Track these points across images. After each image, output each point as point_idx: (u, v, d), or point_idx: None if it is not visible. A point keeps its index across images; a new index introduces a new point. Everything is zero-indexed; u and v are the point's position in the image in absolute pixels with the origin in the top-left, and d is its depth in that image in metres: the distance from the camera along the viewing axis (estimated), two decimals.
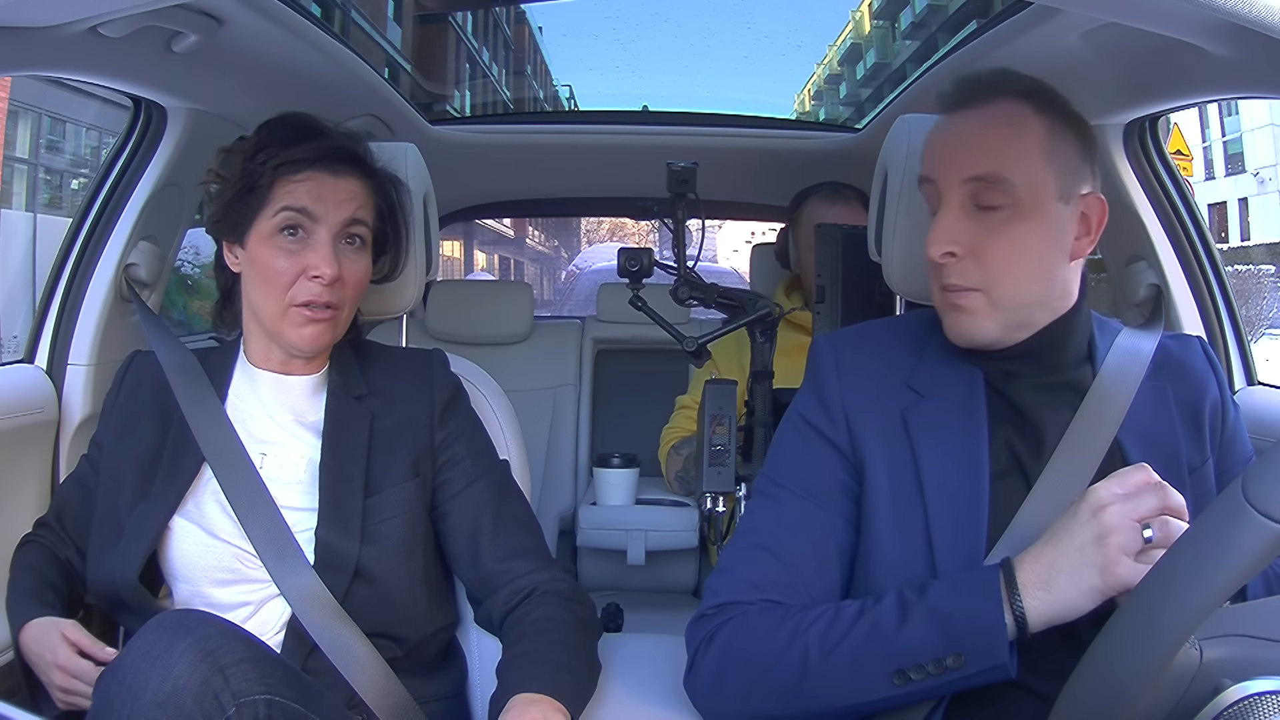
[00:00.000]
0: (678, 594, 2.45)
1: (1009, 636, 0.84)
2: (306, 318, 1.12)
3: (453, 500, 1.17)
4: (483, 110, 3.91)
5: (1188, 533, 0.73)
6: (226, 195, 1.14)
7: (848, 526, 1.00)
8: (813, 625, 0.91)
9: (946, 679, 0.85)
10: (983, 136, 0.98)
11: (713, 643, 0.96)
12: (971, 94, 1.00)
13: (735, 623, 0.96)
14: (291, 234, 1.12)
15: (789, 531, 1.00)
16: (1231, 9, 0.74)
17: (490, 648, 1.20)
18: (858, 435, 1.01)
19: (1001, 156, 0.96)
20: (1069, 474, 0.96)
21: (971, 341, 1.00)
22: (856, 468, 1.01)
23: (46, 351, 1.48)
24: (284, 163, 1.11)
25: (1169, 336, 1.09)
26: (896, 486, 0.98)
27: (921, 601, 0.87)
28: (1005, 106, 0.98)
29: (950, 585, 0.88)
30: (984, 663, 0.84)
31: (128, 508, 1.12)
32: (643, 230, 13.89)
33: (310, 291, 1.11)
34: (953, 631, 0.85)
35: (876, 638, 0.88)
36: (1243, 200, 14.75)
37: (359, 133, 1.21)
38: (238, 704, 0.86)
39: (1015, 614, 0.83)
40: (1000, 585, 0.84)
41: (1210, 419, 1.03)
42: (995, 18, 1.52)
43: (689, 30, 3.45)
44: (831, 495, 1.01)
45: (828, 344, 1.07)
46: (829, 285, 1.55)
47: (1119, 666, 0.73)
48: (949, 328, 1.01)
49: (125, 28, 1.16)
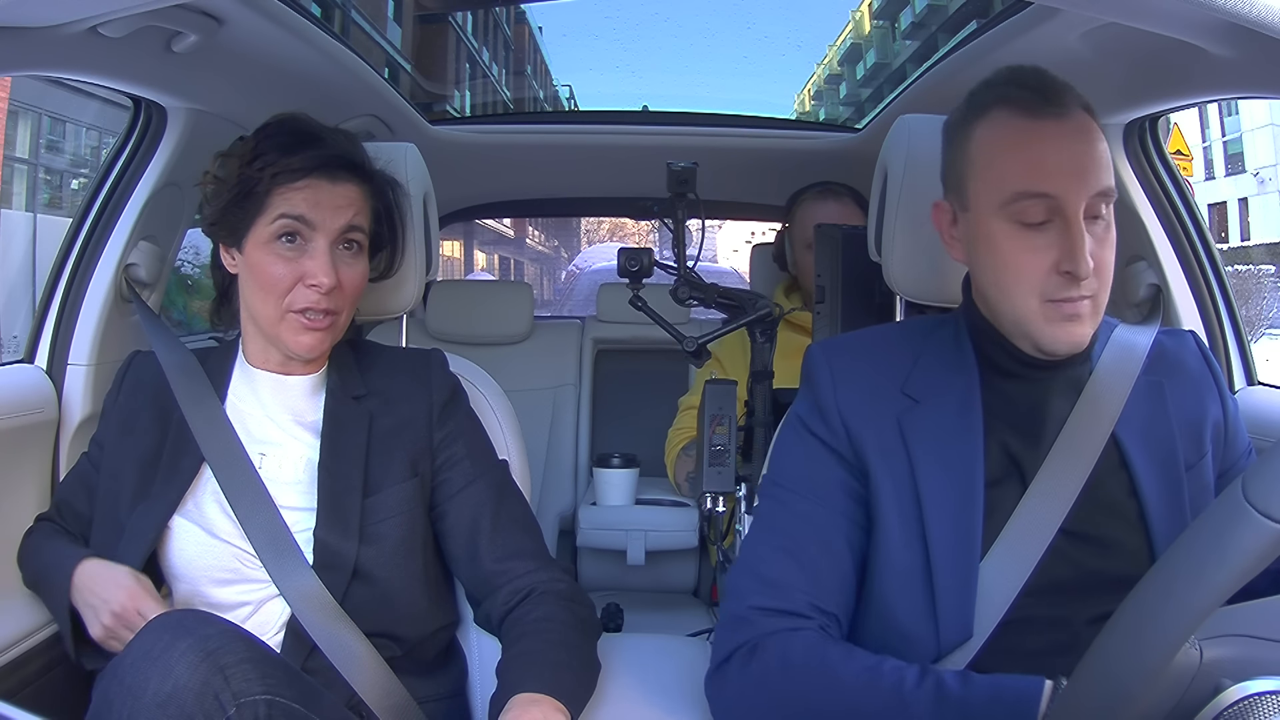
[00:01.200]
0: (678, 594, 2.45)
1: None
2: (304, 325, 1.12)
3: (451, 500, 1.17)
4: (483, 110, 3.92)
5: (1187, 532, 0.73)
6: (223, 199, 1.14)
7: (856, 528, 1.00)
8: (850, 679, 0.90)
9: None
10: (1091, 149, 0.96)
11: (754, 656, 0.94)
12: (1066, 99, 0.97)
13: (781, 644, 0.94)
14: (289, 241, 1.11)
15: (804, 533, 0.99)
16: (1231, 9, 0.74)
17: (490, 648, 1.20)
18: (857, 440, 1.00)
19: (1109, 169, 0.96)
20: (1066, 471, 0.96)
21: (1077, 348, 0.98)
22: (860, 471, 1.00)
23: (46, 351, 1.48)
24: (282, 170, 1.11)
25: (1164, 332, 1.09)
26: (898, 493, 0.98)
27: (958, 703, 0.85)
28: (1084, 116, 0.97)
29: (989, 696, 0.85)
30: None
31: (128, 507, 1.12)
32: (643, 230, 13.87)
33: (308, 299, 1.11)
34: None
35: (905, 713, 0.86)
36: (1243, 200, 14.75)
37: (356, 135, 1.21)
38: (238, 704, 0.86)
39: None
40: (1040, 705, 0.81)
41: (1208, 422, 1.03)
42: (995, 18, 1.52)
43: (689, 30, 3.45)
44: (838, 498, 1.00)
45: (822, 351, 1.07)
46: (829, 285, 1.55)
47: (1119, 666, 0.73)
48: (1054, 337, 0.97)
49: (125, 28, 1.16)
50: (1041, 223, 0.95)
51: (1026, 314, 0.96)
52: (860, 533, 1.00)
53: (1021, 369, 1.01)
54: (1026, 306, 0.96)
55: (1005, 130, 0.97)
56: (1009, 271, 0.96)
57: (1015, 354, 1.01)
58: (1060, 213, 0.94)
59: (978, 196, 0.99)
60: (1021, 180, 0.95)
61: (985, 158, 0.98)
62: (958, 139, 1.01)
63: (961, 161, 1.00)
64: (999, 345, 1.01)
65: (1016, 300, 0.97)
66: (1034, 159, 0.95)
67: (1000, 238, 0.96)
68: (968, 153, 1.00)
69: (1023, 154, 0.96)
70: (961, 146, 1.00)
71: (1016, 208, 0.95)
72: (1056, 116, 0.96)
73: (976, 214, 0.99)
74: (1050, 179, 0.95)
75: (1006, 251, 0.96)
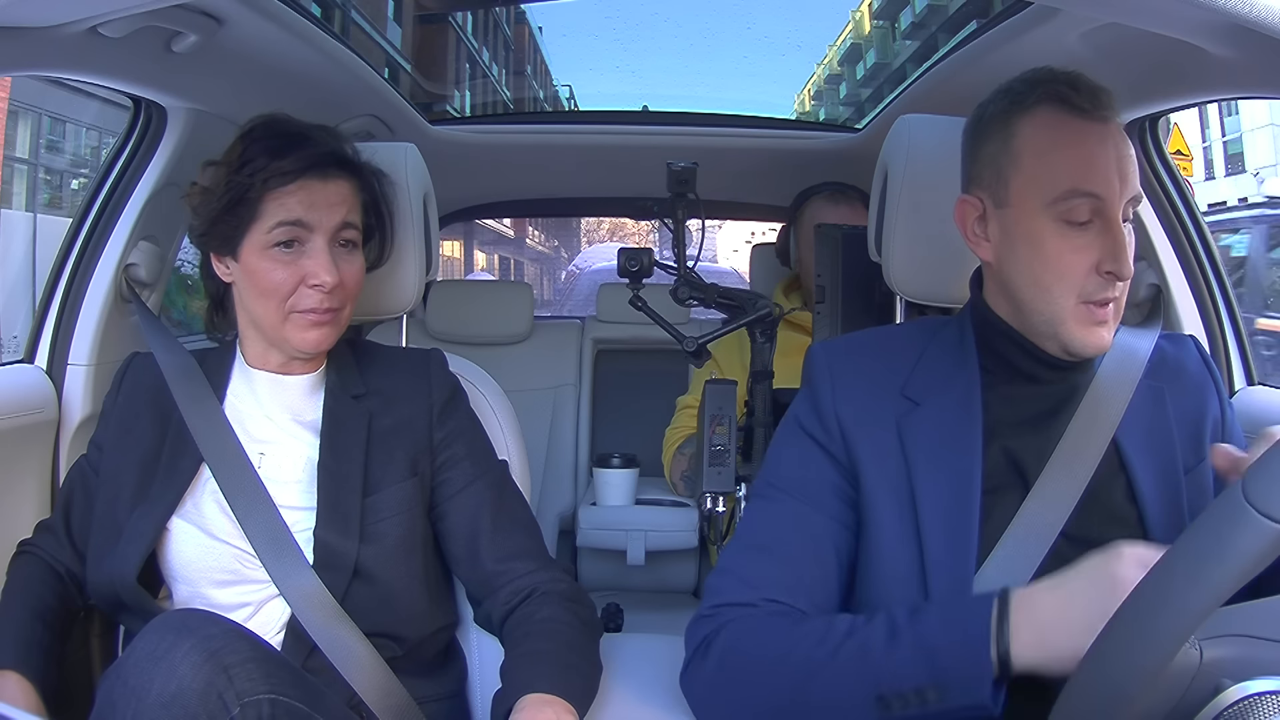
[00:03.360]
0: (678, 594, 2.45)
1: (992, 675, 0.81)
2: (311, 322, 1.12)
3: (451, 500, 1.17)
4: (483, 110, 3.92)
5: (1188, 532, 0.73)
6: (213, 208, 1.12)
7: (844, 531, 1.00)
8: (803, 639, 0.90)
9: (928, 710, 0.83)
10: (1130, 155, 0.98)
11: (710, 646, 0.96)
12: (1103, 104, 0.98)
13: (734, 628, 0.95)
14: (287, 245, 1.11)
15: (787, 533, 1.00)
16: (1231, 9, 0.74)
17: (490, 648, 1.20)
18: (852, 444, 1.00)
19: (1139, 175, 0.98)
20: (1067, 475, 0.96)
21: (1101, 351, 0.99)
22: (852, 475, 1.01)
23: (46, 351, 1.48)
24: (273, 175, 1.10)
25: (1164, 337, 1.08)
26: (893, 497, 0.98)
27: (910, 628, 0.86)
28: (1119, 124, 0.99)
29: (940, 616, 0.86)
30: (964, 699, 0.82)
31: (127, 509, 1.12)
32: (643, 230, 13.88)
33: (312, 300, 1.11)
34: (936, 663, 0.83)
35: (864, 660, 0.86)
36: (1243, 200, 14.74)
37: (339, 130, 1.20)
38: (242, 704, 0.86)
39: (1000, 653, 0.81)
40: (991, 621, 0.82)
41: (1208, 423, 1.03)
42: (995, 18, 1.52)
43: (689, 30, 3.45)
44: (828, 500, 1.01)
45: (823, 352, 1.07)
46: (829, 285, 1.55)
47: (1119, 667, 0.73)
48: (1083, 339, 0.97)
49: (125, 28, 1.16)
50: (1084, 222, 0.96)
51: (1062, 314, 0.97)
52: (850, 536, 1.00)
53: (1039, 369, 1.01)
54: (1063, 306, 0.97)
55: (1057, 127, 0.97)
56: (1051, 269, 0.96)
57: (1036, 354, 1.00)
58: (1102, 214, 0.95)
59: (1022, 192, 0.98)
60: (1074, 178, 0.95)
61: (1034, 153, 0.98)
62: (995, 133, 1.01)
63: (1002, 156, 1.00)
64: (1017, 345, 1.01)
65: (1055, 299, 0.97)
66: (1086, 157, 0.96)
67: (1045, 235, 0.96)
68: (1011, 147, 0.99)
69: (1076, 151, 0.96)
70: (1003, 141, 1.00)
71: (1065, 206, 0.96)
72: (1103, 119, 0.97)
73: (1019, 210, 0.98)
74: (1100, 179, 0.95)
75: (1051, 249, 0.96)
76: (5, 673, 1.05)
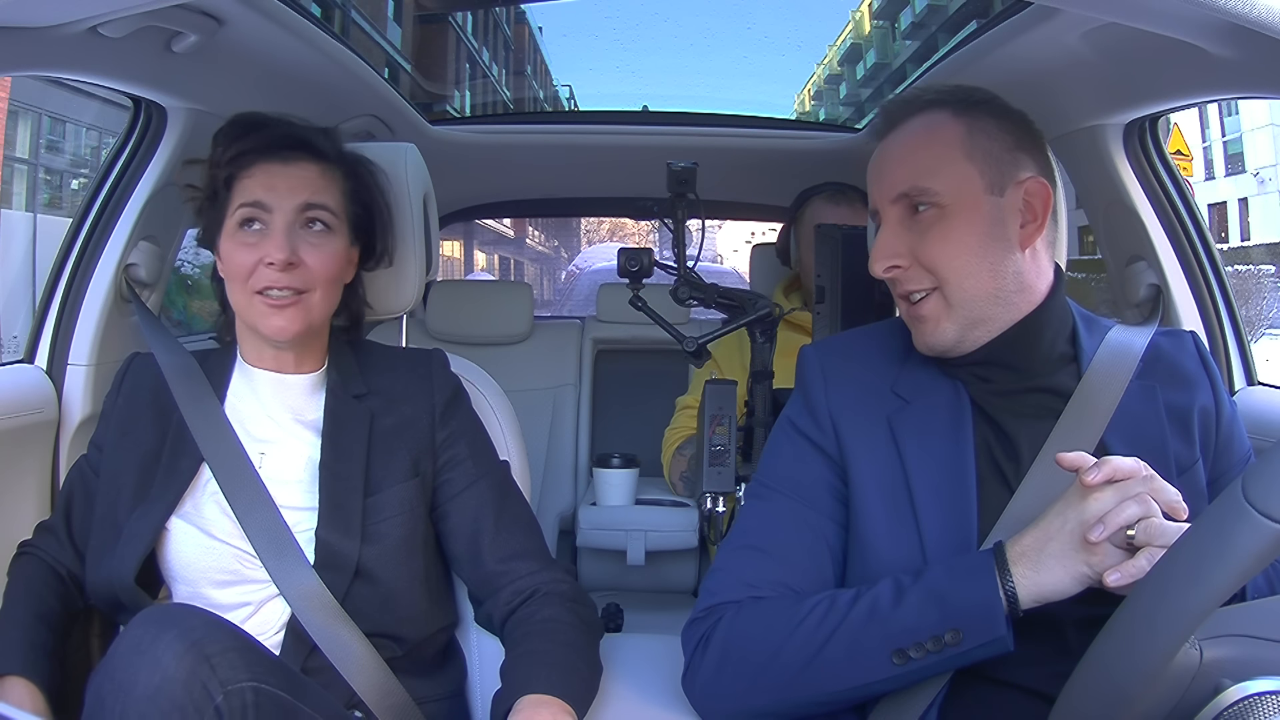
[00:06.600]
0: (678, 594, 2.45)
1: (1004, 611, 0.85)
2: (270, 306, 1.11)
3: (453, 500, 1.17)
4: (483, 110, 3.91)
5: (1188, 533, 0.73)
6: (200, 206, 1.17)
7: (837, 528, 1.02)
8: (810, 613, 0.93)
9: (945, 655, 0.86)
10: (901, 153, 1.01)
11: (709, 642, 0.97)
12: (895, 115, 1.03)
13: (730, 619, 0.96)
14: (249, 227, 1.12)
15: (781, 531, 1.01)
16: (1231, 9, 0.74)
17: (490, 648, 1.20)
18: (844, 441, 1.02)
19: (919, 168, 1.00)
20: (1052, 480, 0.95)
21: (934, 348, 1.01)
22: (844, 472, 1.02)
23: (46, 352, 1.48)
24: (234, 157, 1.13)
25: (1162, 333, 1.08)
26: (885, 489, 0.99)
27: (917, 584, 0.89)
28: (923, 119, 1.02)
29: (945, 567, 0.90)
30: (982, 637, 0.85)
31: (126, 510, 1.12)
32: (643, 230, 13.87)
33: (266, 278, 1.11)
34: (949, 608, 0.87)
35: (875, 619, 0.89)
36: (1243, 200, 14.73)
37: (339, 130, 1.21)
38: (225, 691, 0.86)
39: (1006, 592, 0.85)
40: (993, 565, 0.86)
41: (1201, 420, 1.02)
42: (995, 18, 1.52)
43: (689, 30, 3.44)
44: (821, 498, 1.02)
45: (814, 352, 1.09)
46: (829, 285, 1.55)
47: (1119, 667, 0.73)
48: (916, 340, 1.03)
49: (125, 28, 1.16)
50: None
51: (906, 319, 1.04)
52: (842, 532, 1.02)
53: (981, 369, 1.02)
54: (900, 311, 1.04)
55: None
56: None
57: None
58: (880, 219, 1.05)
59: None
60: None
61: None
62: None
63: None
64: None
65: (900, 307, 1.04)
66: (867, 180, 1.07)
67: None
68: None
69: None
70: None
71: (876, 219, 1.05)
72: (893, 129, 1.05)
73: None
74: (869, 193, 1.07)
75: None
76: (11, 678, 1.05)
